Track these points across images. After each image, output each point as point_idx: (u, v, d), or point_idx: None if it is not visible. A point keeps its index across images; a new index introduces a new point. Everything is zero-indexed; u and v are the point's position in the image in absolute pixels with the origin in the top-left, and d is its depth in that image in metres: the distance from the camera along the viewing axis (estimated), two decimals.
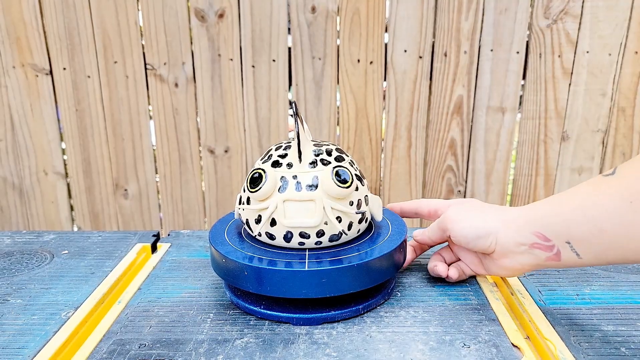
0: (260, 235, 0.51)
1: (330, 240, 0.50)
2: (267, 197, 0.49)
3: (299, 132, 0.49)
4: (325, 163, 0.50)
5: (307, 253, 0.50)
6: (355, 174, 0.52)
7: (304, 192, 0.48)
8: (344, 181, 0.49)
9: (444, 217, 0.53)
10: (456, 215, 0.52)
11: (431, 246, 0.59)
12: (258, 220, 0.50)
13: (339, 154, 0.52)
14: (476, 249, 0.51)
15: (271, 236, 0.50)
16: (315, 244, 0.50)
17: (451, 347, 0.45)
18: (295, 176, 0.49)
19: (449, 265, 0.56)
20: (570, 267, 0.50)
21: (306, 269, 0.47)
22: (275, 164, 0.50)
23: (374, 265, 0.49)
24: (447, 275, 0.55)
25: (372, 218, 0.55)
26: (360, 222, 0.52)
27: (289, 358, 0.44)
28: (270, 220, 0.49)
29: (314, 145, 0.53)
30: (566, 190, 0.47)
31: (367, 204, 0.53)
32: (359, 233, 0.53)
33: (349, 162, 0.52)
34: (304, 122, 0.53)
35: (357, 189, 0.51)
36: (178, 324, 0.49)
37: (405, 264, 0.56)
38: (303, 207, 0.48)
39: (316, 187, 0.49)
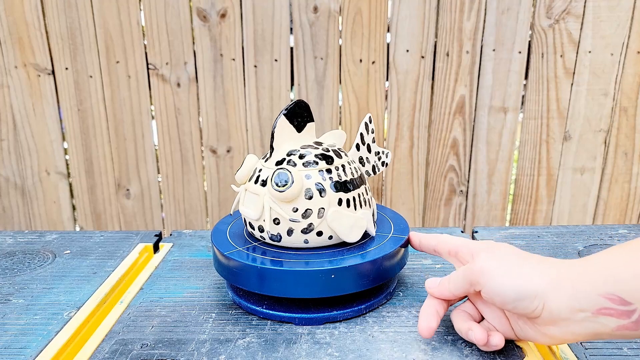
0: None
1: (271, 239, 0.51)
2: (242, 183, 0.53)
3: (274, 130, 0.51)
4: (291, 163, 0.50)
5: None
6: (336, 182, 0.50)
7: (257, 185, 0.50)
8: (278, 184, 0.48)
9: (475, 269, 0.42)
10: (491, 267, 0.41)
11: (452, 302, 0.47)
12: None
13: (330, 158, 0.51)
14: (515, 311, 0.41)
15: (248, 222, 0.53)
16: (260, 237, 0.52)
17: (453, 347, 0.45)
18: (261, 170, 0.51)
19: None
20: None
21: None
22: (264, 156, 0.53)
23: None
24: (487, 343, 0.42)
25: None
26: (306, 232, 0.50)
27: (291, 358, 0.44)
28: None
29: (315, 145, 0.52)
30: (634, 240, 0.38)
31: (321, 217, 0.49)
32: (307, 244, 0.50)
33: (339, 168, 0.51)
34: (304, 123, 0.53)
35: (310, 197, 0.49)
36: (180, 323, 0.49)
37: (427, 332, 0.44)
38: (252, 199, 0.51)
39: (266, 184, 0.50)
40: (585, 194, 1.33)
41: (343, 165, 0.52)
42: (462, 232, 0.70)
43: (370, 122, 0.57)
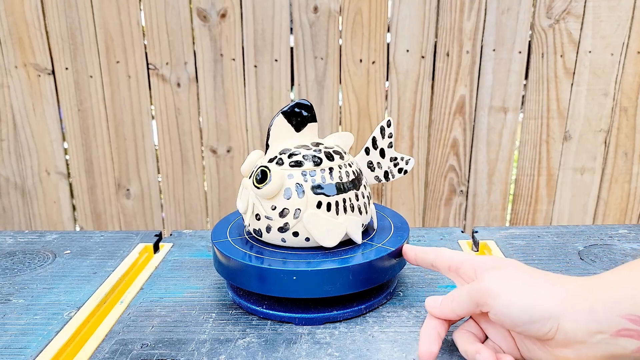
0: None
1: (254, 233, 0.52)
2: (245, 176, 0.53)
3: (270, 128, 0.52)
4: (279, 162, 0.50)
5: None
6: (318, 185, 0.49)
7: (247, 179, 0.51)
8: (257, 180, 0.49)
9: (482, 289, 0.39)
10: (500, 287, 0.39)
11: (453, 321, 0.45)
12: None
13: (318, 160, 0.50)
14: (526, 333, 0.38)
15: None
16: (246, 232, 0.54)
17: (453, 347, 0.45)
18: (256, 165, 0.52)
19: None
20: None
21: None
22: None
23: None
24: None
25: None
26: (282, 231, 0.50)
27: (291, 358, 0.44)
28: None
29: (309, 145, 0.52)
30: None
31: (297, 218, 0.49)
32: (284, 243, 0.51)
33: (325, 171, 0.50)
34: (308, 122, 0.53)
35: (289, 197, 0.49)
36: (180, 323, 0.49)
37: (429, 358, 0.41)
38: (244, 193, 0.52)
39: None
40: (586, 194, 1.33)
41: (331, 168, 0.50)
42: (462, 232, 0.70)
43: (389, 126, 0.56)
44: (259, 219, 0.50)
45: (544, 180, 1.32)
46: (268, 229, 0.50)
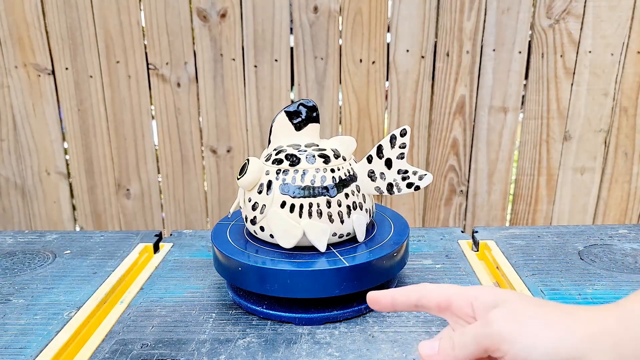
0: None
1: (250, 223, 0.53)
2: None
3: (272, 125, 0.53)
4: (268, 157, 0.52)
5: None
6: (287, 184, 0.50)
7: None
8: (239, 171, 0.52)
9: (492, 334, 0.34)
10: (512, 330, 0.34)
11: None
12: None
13: (297, 160, 0.51)
14: None
15: None
16: (246, 232, 0.56)
17: None
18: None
19: None
20: None
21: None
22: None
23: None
24: None
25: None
26: (252, 223, 0.52)
27: (292, 358, 0.44)
28: None
29: (301, 145, 0.53)
30: None
31: (262, 213, 0.50)
32: (256, 235, 0.52)
33: (298, 172, 0.50)
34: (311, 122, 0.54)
35: (260, 192, 0.50)
36: (180, 323, 0.49)
37: None
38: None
39: None
40: (586, 194, 1.33)
41: (305, 171, 0.50)
42: (462, 232, 0.70)
43: (402, 136, 0.51)
44: (241, 208, 0.54)
45: (544, 180, 1.32)
46: (245, 219, 0.53)
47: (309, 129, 0.54)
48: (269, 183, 0.50)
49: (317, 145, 0.53)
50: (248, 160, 0.51)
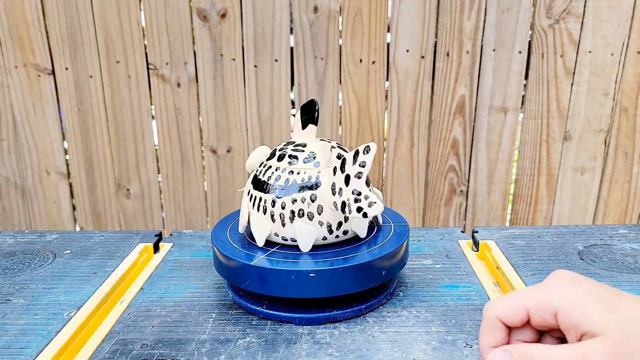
0: None
1: None
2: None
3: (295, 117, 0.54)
4: (279, 156, 0.53)
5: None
6: (254, 177, 0.53)
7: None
8: None
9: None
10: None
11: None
12: None
13: (279, 157, 0.52)
14: None
15: None
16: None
17: (453, 347, 0.45)
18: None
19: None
20: None
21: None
22: None
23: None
24: None
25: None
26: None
27: (292, 358, 0.44)
28: None
29: (292, 143, 0.54)
30: None
31: (241, 199, 0.55)
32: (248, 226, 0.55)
33: (266, 166, 0.53)
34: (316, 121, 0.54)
35: (249, 175, 0.55)
36: (180, 323, 0.49)
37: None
38: None
39: None
40: (586, 194, 1.33)
41: (270, 166, 0.52)
42: (462, 232, 0.70)
43: (365, 153, 0.46)
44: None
45: (544, 180, 1.32)
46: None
47: (309, 129, 0.54)
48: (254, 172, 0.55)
49: (304, 146, 0.52)
50: (253, 152, 0.55)
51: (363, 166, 0.46)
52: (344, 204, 0.47)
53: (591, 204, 1.34)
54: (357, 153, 0.47)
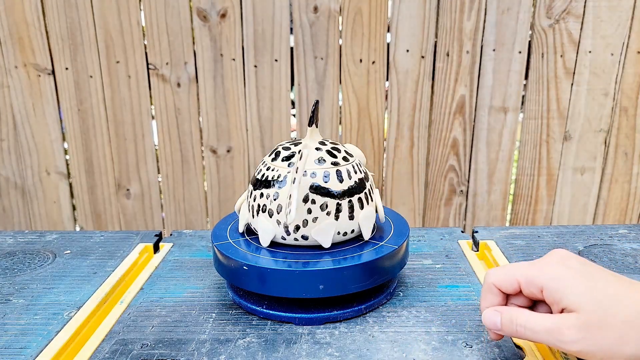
0: None
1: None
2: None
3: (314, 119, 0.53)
4: (272, 153, 0.54)
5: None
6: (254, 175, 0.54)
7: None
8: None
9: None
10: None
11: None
12: None
13: (275, 155, 0.53)
14: None
15: None
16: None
17: (453, 347, 0.45)
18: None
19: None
20: None
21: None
22: None
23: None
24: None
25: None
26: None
27: (292, 358, 0.44)
28: None
29: (290, 142, 0.54)
30: None
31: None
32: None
33: (265, 164, 0.53)
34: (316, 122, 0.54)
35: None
36: (180, 323, 0.49)
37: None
38: None
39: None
40: (586, 194, 1.33)
41: (263, 166, 0.53)
42: (462, 232, 0.70)
43: (301, 159, 0.48)
44: None
45: (544, 180, 1.32)
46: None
47: (310, 129, 0.54)
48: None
49: (295, 145, 0.53)
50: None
51: (297, 172, 0.48)
52: (279, 206, 0.50)
53: (591, 204, 1.34)
54: (300, 154, 0.50)
